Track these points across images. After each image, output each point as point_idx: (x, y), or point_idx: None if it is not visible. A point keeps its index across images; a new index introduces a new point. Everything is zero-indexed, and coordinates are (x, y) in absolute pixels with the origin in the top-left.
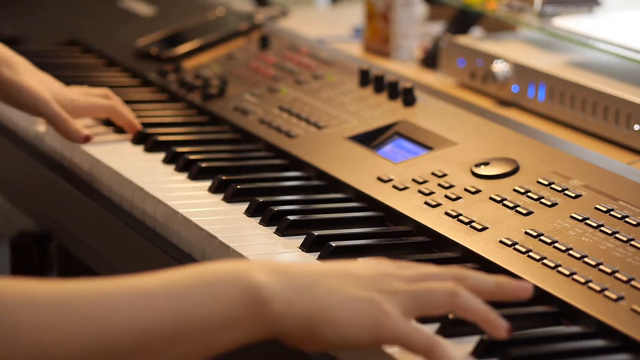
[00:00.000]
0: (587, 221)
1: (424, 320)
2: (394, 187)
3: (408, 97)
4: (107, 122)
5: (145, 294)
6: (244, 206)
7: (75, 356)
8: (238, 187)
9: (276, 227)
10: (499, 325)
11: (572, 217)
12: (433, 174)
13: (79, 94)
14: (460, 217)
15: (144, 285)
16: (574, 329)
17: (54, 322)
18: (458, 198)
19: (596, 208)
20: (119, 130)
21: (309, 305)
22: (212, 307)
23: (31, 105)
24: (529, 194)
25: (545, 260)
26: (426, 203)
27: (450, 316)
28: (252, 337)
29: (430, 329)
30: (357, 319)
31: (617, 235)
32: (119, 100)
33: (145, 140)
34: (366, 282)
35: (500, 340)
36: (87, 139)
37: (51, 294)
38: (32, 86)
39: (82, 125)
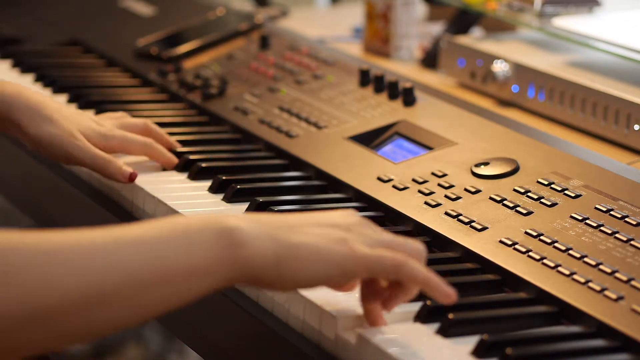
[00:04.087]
0: (587, 221)
1: (424, 320)
2: (394, 187)
3: (408, 97)
4: None
5: (127, 242)
6: (244, 206)
7: (58, 300)
8: (238, 187)
9: None
10: (443, 291)
11: (572, 217)
12: (433, 174)
13: (114, 125)
14: (460, 217)
15: (125, 234)
16: (574, 329)
17: (41, 268)
18: (458, 198)
19: (596, 208)
20: None
21: (280, 245)
22: (189, 253)
23: (64, 157)
24: (529, 194)
25: (545, 260)
26: (426, 203)
27: (450, 316)
28: (227, 281)
29: (431, 329)
30: (325, 253)
31: (617, 235)
32: (158, 131)
33: None
34: (332, 225)
35: (500, 340)
36: (132, 178)
37: (38, 242)
38: (59, 137)
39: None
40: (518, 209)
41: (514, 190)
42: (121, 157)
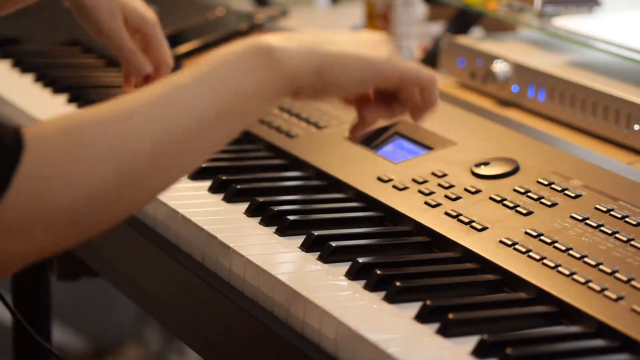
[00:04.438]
0: (587, 221)
1: (424, 320)
2: (394, 187)
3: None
4: None
5: (184, 85)
6: (244, 206)
7: (147, 156)
8: (238, 187)
9: (276, 227)
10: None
11: (572, 217)
12: (433, 174)
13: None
14: (460, 217)
15: (184, 79)
16: (574, 329)
17: (123, 129)
18: (458, 198)
19: (596, 208)
20: None
21: (318, 57)
22: (240, 79)
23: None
24: (529, 194)
25: (545, 260)
26: (426, 203)
27: (451, 316)
28: (277, 95)
29: (431, 329)
30: (367, 58)
31: (617, 235)
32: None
33: None
34: (362, 40)
35: (500, 340)
36: (148, 79)
37: (110, 108)
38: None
39: None
40: (518, 209)
41: (514, 190)
42: None
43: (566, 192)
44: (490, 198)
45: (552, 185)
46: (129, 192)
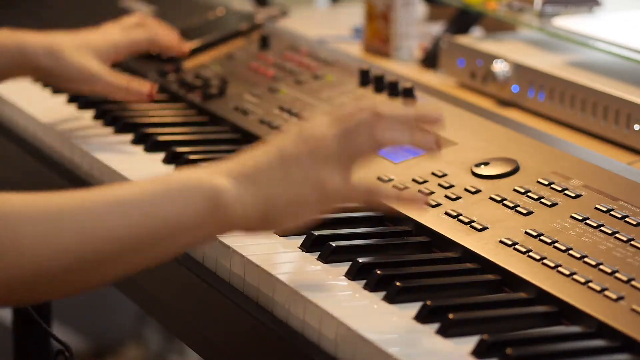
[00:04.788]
0: (587, 221)
1: (424, 320)
2: (394, 187)
3: (408, 97)
4: (108, 123)
5: (127, 203)
6: None
7: (66, 264)
8: None
9: None
10: (413, 203)
11: (572, 217)
12: (433, 174)
13: (118, 34)
14: (460, 217)
15: (125, 196)
16: (574, 329)
17: (51, 234)
18: (458, 198)
19: (596, 208)
20: (121, 130)
21: (259, 203)
22: (181, 211)
23: (83, 86)
24: (529, 194)
25: (545, 260)
26: (426, 203)
27: (451, 316)
28: (215, 235)
29: (431, 329)
30: (300, 201)
31: (617, 235)
32: (155, 23)
33: (145, 140)
34: (304, 162)
35: (500, 340)
36: (151, 96)
37: (43, 206)
38: (75, 65)
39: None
40: (518, 209)
41: (514, 190)
42: None
43: (566, 192)
44: (490, 198)
45: (552, 185)
46: (45, 287)
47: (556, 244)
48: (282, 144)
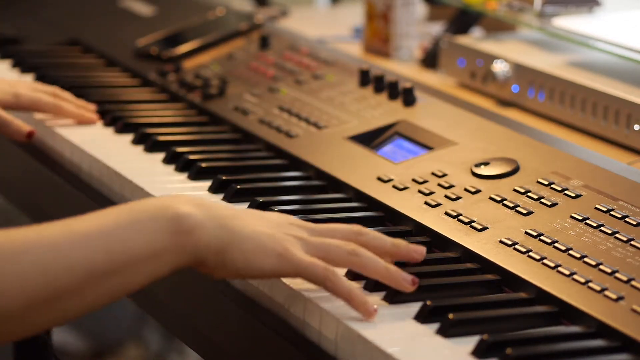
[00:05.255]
0: (587, 221)
1: (424, 320)
2: (394, 187)
3: (408, 97)
4: (108, 123)
5: (85, 236)
6: (244, 206)
7: (26, 300)
8: (238, 187)
9: None
10: (401, 280)
11: (572, 217)
12: (433, 174)
13: (25, 88)
14: (460, 217)
15: (83, 228)
16: (574, 329)
17: (7, 269)
18: (458, 198)
19: (596, 208)
20: (121, 130)
21: (223, 235)
22: (142, 241)
23: None
24: (529, 194)
25: (545, 260)
26: (426, 203)
27: (451, 316)
28: (175, 265)
29: (431, 329)
30: (263, 249)
31: (617, 235)
32: (68, 96)
33: (145, 140)
34: (275, 226)
35: (500, 340)
36: (30, 135)
37: (7, 242)
38: None
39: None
40: (518, 209)
41: (514, 190)
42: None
43: (566, 192)
44: (490, 198)
45: (552, 185)
46: (9, 325)
47: (556, 244)
48: (260, 212)
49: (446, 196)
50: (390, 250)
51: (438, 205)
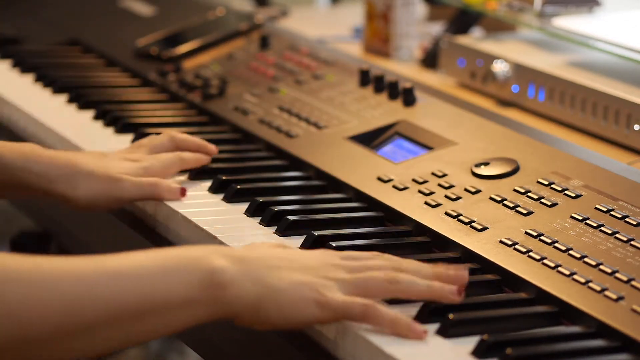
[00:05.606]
0: (587, 221)
1: (424, 320)
2: (394, 187)
3: (408, 97)
4: (108, 123)
5: (117, 274)
6: (244, 206)
7: (52, 329)
8: (238, 187)
9: (276, 227)
10: (446, 293)
11: (572, 217)
12: (433, 174)
13: (145, 153)
14: (460, 217)
15: (115, 266)
16: (574, 329)
17: (35, 298)
18: (458, 198)
19: (596, 208)
20: (121, 130)
21: (257, 289)
22: (175, 290)
23: (116, 204)
24: (529, 194)
25: (545, 260)
26: (426, 203)
27: (451, 316)
28: (208, 317)
29: (431, 329)
30: (299, 301)
31: (617, 235)
32: (184, 138)
33: None
34: (311, 270)
35: (500, 340)
36: (184, 193)
37: (32, 270)
38: (104, 190)
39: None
40: (518, 209)
41: (514, 190)
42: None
43: (566, 192)
44: (490, 198)
45: (552, 185)
46: (27, 351)
47: (556, 244)
48: (293, 252)
49: (446, 196)
50: (432, 279)
51: (438, 205)
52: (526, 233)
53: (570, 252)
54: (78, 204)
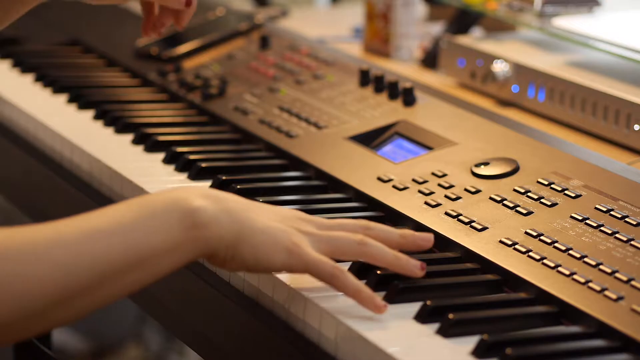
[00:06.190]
0: (587, 221)
1: (424, 320)
2: (394, 187)
3: (408, 97)
4: (108, 123)
5: (103, 232)
6: None
7: (49, 298)
8: (238, 187)
9: None
10: (411, 266)
11: (572, 217)
12: (433, 174)
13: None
14: (460, 217)
15: (99, 224)
16: (574, 329)
17: (29, 270)
18: (458, 198)
19: (596, 208)
20: (121, 130)
21: (234, 228)
22: (157, 235)
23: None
24: (529, 194)
25: (545, 260)
26: (426, 203)
27: (451, 316)
28: (189, 258)
29: (431, 329)
30: (273, 244)
31: (617, 235)
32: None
33: (145, 140)
34: (285, 220)
35: (500, 340)
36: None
37: (22, 243)
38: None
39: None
40: (518, 209)
41: (514, 190)
42: None
43: (566, 192)
44: (490, 198)
45: (552, 185)
46: (25, 324)
47: (556, 244)
48: (272, 206)
49: (446, 196)
50: (398, 241)
51: (438, 205)
52: (526, 233)
53: (570, 252)
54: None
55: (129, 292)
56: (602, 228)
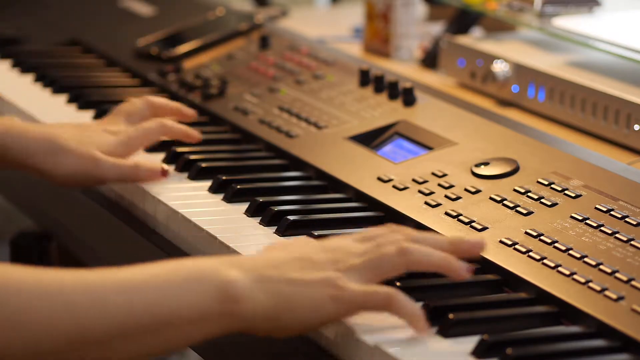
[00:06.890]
0: (587, 221)
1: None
2: (394, 187)
3: (408, 97)
4: None
5: (126, 287)
6: (244, 206)
7: (60, 343)
8: (238, 187)
9: (276, 227)
10: (458, 268)
11: (572, 217)
12: (433, 174)
13: (125, 124)
14: (460, 217)
15: (124, 279)
16: (574, 329)
17: (43, 311)
18: (458, 198)
19: (596, 208)
20: None
21: (270, 300)
22: (186, 302)
23: (94, 182)
24: (529, 194)
25: (545, 260)
26: (426, 203)
27: (451, 316)
28: (221, 331)
29: (431, 329)
30: (314, 302)
31: (617, 235)
32: (161, 103)
33: None
34: (323, 265)
35: (500, 340)
36: (165, 173)
37: (39, 283)
38: (82, 166)
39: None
40: (518, 209)
41: (514, 190)
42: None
43: (566, 192)
44: (490, 198)
45: (552, 185)
46: None
47: (556, 244)
48: (302, 248)
49: (446, 196)
50: (448, 250)
51: (438, 205)
52: (526, 233)
53: (570, 252)
54: (56, 179)
55: (150, 355)
56: (602, 228)
